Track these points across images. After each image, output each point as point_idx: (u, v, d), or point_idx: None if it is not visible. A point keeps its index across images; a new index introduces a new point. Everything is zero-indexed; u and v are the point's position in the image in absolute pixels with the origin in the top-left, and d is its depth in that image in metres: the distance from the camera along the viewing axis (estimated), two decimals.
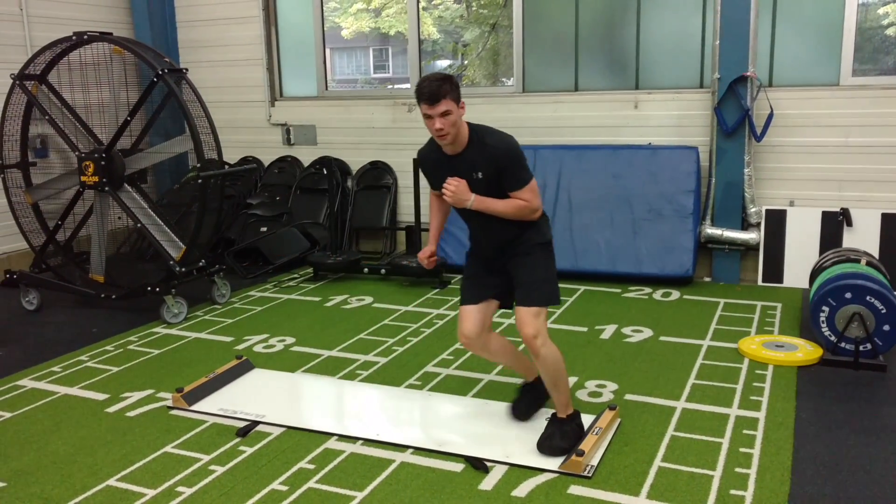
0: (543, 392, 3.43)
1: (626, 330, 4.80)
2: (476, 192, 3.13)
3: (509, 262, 3.27)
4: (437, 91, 2.99)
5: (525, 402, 3.56)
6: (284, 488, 3.00)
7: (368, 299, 5.64)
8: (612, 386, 3.93)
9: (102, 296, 5.39)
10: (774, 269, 5.79)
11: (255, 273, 6.35)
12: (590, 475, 3.02)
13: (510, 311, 3.33)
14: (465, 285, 3.40)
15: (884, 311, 4.03)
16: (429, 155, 3.30)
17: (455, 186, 3.10)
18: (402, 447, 3.30)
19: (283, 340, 4.80)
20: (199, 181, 5.11)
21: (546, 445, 3.22)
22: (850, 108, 5.55)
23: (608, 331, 4.79)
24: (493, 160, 3.11)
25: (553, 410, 3.32)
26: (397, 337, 4.78)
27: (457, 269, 6.23)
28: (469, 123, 3.17)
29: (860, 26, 5.62)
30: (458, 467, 3.13)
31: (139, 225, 5.29)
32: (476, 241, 3.40)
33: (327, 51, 7.52)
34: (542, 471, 3.06)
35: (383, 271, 6.16)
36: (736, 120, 5.63)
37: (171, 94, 5.12)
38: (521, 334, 3.15)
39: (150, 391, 4.01)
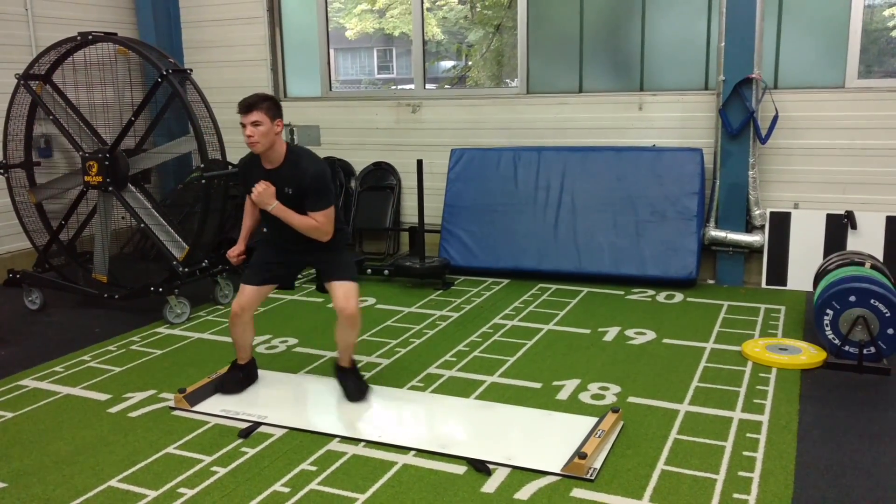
0: (255, 373, 4.01)
1: (630, 332, 4.78)
2: (284, 204, 3.59)
3: (310, 255, 3.79)
4: (252, 103, 3.52)
5: (235, 381, 3.92)
6: (286, 490, 2.99)
7: (371, 300, 5.64)
8: (615, 388, 3.92)
9: (105, 296, 5.39)
10: (778, 272, 5.78)
11: None
12: (592, 478, 3.02)
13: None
14: (253, 268, 3.86)
15: (888, 314, 4.01)
16: (250, 165, 3.74)
17: (262, 190, 3.56)
18: (404, 449, 3.29)
19: (286, 341, 4.79)
20: (203, 181, 5.12)
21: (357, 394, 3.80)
22: (855, 110, 5.54)
23: (611, 333, 4.78)
24: (302, 181, 3.58)
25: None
26: (400, 338, 4.77)
27: (460, 271, 6.25)
28: (289, 145, 3.67)
29: (866, 28, 5.60)
30: (460, 469, 3.12)
31: (142, 225, 5.29)
32: (273, 235, 3.82)
33: (331, 51, 7.52)
34: (545, 473, 3.06)
35: (387, 272, 6.16)
36: (741, 122, 5.61)
37: (176, 94, 5.12)
38: (343, 307, 3.68)
39: (152, 392, 4.01)
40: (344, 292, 3.71)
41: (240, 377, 3.96)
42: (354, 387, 3.84)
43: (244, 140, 3.54)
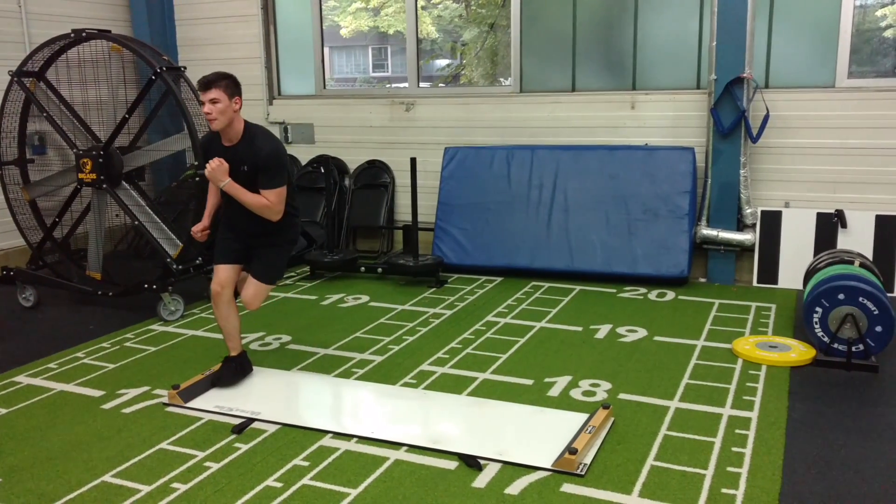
0: (248, 365, 4.06)
1: (621, 330, 4.82)
2: (241, 182, 3.68)
3: (256, 243, 3.89)
4: (210, 80, 3.60)
5: (230, 372, 3.97)
6: (279, 485, 3.02)
7: (365, 298, 5.66)
8: (606, 385, 3.95)
9: (99, 293, 5.40)
10: (769, 270, 5.82)
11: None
12: (583, 473, 3.04)
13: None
14: (219, 246, 3.97)
15: (876, 312, 4.05)
16: (211, 142, 3.84)
17: (215, 166, 3.65)
18: (396, 445, 3.32)
19: (279, 338, 4.81)
20: (197, 179, 5.12)
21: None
22: (845, 109, 5.58)
23: (603, 330, 4.81)
24: (257, 158, 3.67)
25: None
26: (393, 336, 4.79)
27: (453, 269, 6.27)
28: (248, 123, 3.77)
29: (858, 28, 5.64)
30: (451, 465, 3.14)
31: (136, 222, 5.30)
32: (229, 213, 3.90)
33: (326, 49, 7.54)
34: (535, 469, 3.08)
35: (380, 270, 6.18)
36: (732, 121, 5.65)
37: (170, 91, 5.13)
38: (249, 301, 3.89)
39: (146, 388, 4.02)
40: (255, 292, 3.91)
41: (233, 367, 4.00)
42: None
43: (203, 116, 3.62)
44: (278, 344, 4.71)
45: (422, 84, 7.20)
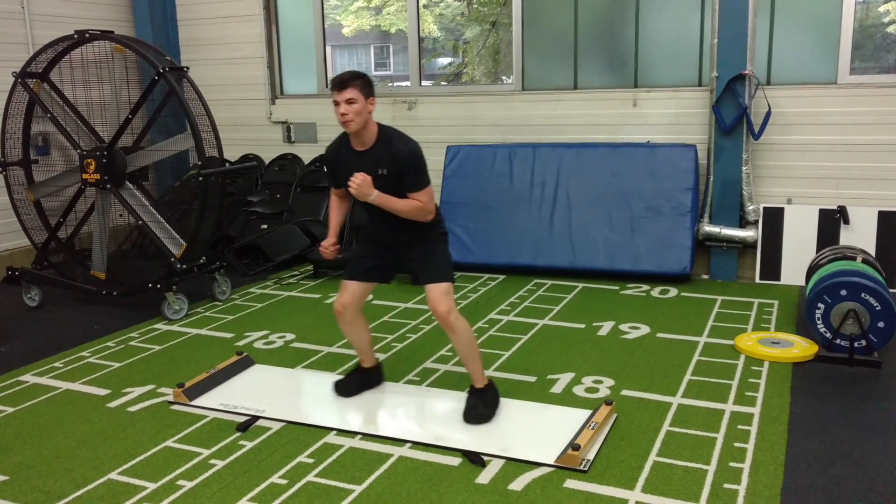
0: (375, 379, 3.87)
1: (624, 327, 4.83)
2: (379, 188, 3.39)
3: (409, 252, 3.58)
4: (346, 79, 3.33)
5: (355, 382, 3.84)
6: (284, 482, 3.03)
7: (368, 296, 5.66)
8: (609, 382, 3.96)
9: (104, 292, 5.43)
10: (772, 267, 5.82)
11: (255, 270, 6.39)
12: (586, 469, 3.06)
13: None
14: (354, 262, 3.72)
15: (878, 308, 4.06)
16: (338, 150, 3.56)
17: (360, 181, 3.35)
18: (400, 441, 3.33)
19: (284, 337, 4.83)
20: (200, 179, 5.14)
21: (472, 415, 3.48)
22: (847, 106, 5.58)
23: (606, 327, 4.82)
24: (397, 161, 3.39)
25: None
26: (396, 333, 4.81)
27: (456, 267, 6.23)
28: (380, 125, 3.47)
29: (861, 24, 5.64)
30: (455, 461, 3.16)
31: (140, 222, 5.32)
32: (373, 230, 3.68)
33: (328, 48, 7.55)
34: (539, 465, 3.10)
35: None
36: (734, 118, 5.66)
37: (173, 92, 5.15)
38: (436, 311, 3.46)
39: (151, 387, 4.05)
40: (434, 295, 3.48)
41: (352, 382, 3.85)
42: (469, 406, 3.55)
43: (337, 119, 3.34)
44: (282, 342, 4.73)
45: (424, 83, 7.21)
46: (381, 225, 3.56)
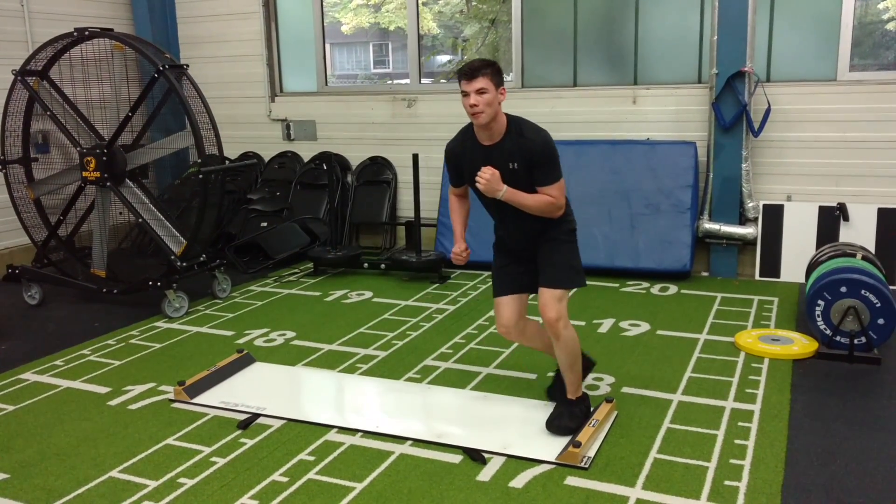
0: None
1: (624, 324, 4.83)
2: (509, 183, 3.14)
3: (537, 250, 3.34)
4: (476, 68, 3.06)
5: (562, 387, 3.49)
6: (285, 479, 3.04)
7: (368, 294, 5.68)
8: (610, 379, 3.96)
9: (104, 290, 5.43)
10: (772, 264, 5.83)
11: (255, 268, 6.39)
12: (586, 466, 3.06)
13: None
14: (497, 277, 3.48)
15: (878, 304, 4.06)
16: (461, 145, 3.33)
17: (489, 177, 3.11)
18: (401, 439, 3.34)
19: (284, 334, 4.83)
20: (200, 176, 5.14)
21: (555, 424, 3.32)
22: (847, 103, 5.58)
23: (606, 325, 4.83)
24: (529, 153, 3.13)
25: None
26: (397, 331, 4.81)
27: (455, 265, 6.26)
28: (508, 115, 3.20)
29: (860, 21, 5.64)
30: (456, 459, 3.16)
31: (140, 220, 5.32)
32: (502, 233, 3.45)
33: (327, 46, 7.55)
34: (540, 462, 3.10)
35: (383, 266, 6.19)
36: (733, 115, 5.66)
37: (172, 89, 5.15)
38: (544, 317, 3.24)
39: (151, 384, 4.05)
40: (545, 299, 3.25)
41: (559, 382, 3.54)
42: (555, 414, 3.37)
43: (466, 111, 3.12)
44: (283, 340, 4.74)
45: (423, 80, 7.21)
46: (510, 226, 3.34)
